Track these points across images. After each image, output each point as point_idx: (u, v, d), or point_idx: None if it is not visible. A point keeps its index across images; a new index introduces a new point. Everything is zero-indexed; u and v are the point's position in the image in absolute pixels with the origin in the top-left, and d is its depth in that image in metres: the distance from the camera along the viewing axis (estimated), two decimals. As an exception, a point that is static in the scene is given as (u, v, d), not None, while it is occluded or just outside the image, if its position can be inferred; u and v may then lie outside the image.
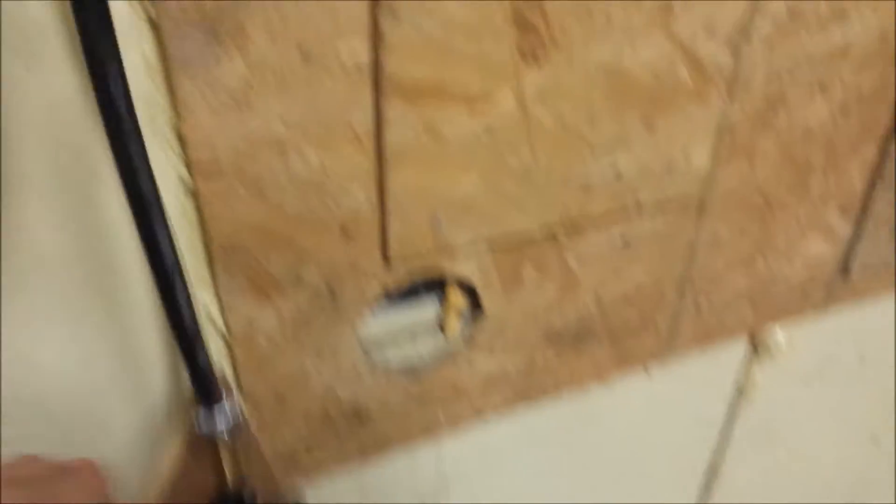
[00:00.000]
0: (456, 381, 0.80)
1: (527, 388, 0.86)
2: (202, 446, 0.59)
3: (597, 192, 0.71)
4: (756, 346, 1.01)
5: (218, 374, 0.54)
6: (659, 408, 1.01)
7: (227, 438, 0.56)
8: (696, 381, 1.01)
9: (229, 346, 0.65)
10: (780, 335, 0.99)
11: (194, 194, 0.55)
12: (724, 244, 0.85)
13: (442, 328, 0.78)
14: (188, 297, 0.51)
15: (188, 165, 0.53)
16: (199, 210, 0.56)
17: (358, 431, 0.79)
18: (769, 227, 0.87)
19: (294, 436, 0.74)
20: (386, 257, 0.66)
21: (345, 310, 0.68)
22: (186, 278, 0.51)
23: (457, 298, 0.75)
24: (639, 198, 0.74)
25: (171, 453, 0.57)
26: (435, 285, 0.76)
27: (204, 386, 0.56)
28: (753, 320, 0.95)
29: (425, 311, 0.77)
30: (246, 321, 0.63)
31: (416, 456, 0.88)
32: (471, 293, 0.76)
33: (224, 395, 0.58)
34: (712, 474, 1.19)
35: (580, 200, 0.71)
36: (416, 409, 0.81)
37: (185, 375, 0.55)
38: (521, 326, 0.79)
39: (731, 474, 1.20)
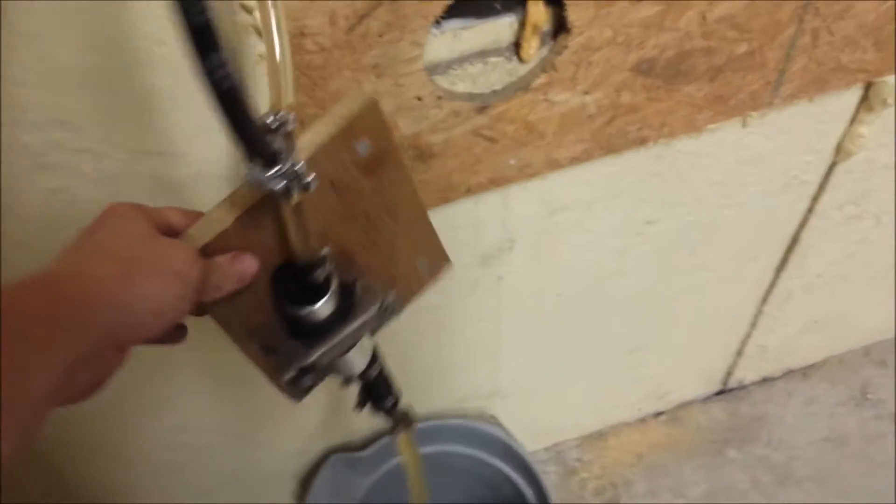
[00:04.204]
0: (529, 117, 0.70)
1: (608, 134, 0.76)
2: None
3: None
4: (869, 97, 0.88)
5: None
6: (749, 165, 0.91)
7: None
8: (796, 136, 0.90)
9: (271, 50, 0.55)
10: (900, 85, 0.86)
11: None
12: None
13: (518, 50, 0.67)
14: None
15: None
16: None
17: (419, 173, 0.71)
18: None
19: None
20: (458, -54, 0.54)
21: (408, 16, 0.57)
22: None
23: (538, 11, 0.63)
24: None
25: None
26: (514, 1, 0.64)
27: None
28: (874, 65, 0.82)
29: (500, 29, 0.66)
30: (289, 18, 0.53)
31: (481, 207, 0.80)
32: (554, 9, 0.64)
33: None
34: (792, 244, 1.10)
35: None
36: (483, 151, 0.72)
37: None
38: (610, 52, 0.67)
39: (812, 245, 1.11)
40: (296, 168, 0.45)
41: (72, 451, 0.88)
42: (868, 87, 0.88)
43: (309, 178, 0.46)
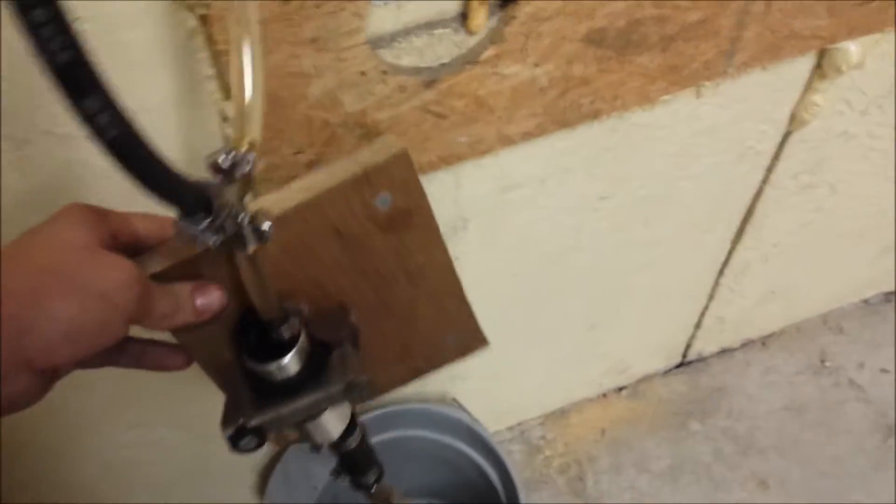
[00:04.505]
0: (479, 91, 0.68)
1: (560, 108, 0.74)
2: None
3: None
4: (823, 65, 0.87)
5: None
6: (704, 136, 0.90)
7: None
8: (751, 106, 0.89)
9: (204, 23, 0.52)
10: (853, 51, 0.85)
11: None
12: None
13: (465, 21, 0.64)
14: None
15: None
16: None
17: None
18: None
19: (292, 150, 0.63)
20: (396, -90, 0.51)
21: (345, -13, 0.54)
22: None
23: (485, -21, 0.61)
24: None
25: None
26: (457, -33, 0.62)
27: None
28: (828, 32, 0.80)
29: (445, -2, 0.63)
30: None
31: (433, 185, 0.78)
32: (501, -23, 0.62)
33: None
34: (748, 216, 1.10)
35: None
36: (433, 128, 0.69)
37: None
38: (561, 23, 0.65)
39: (767, 216, 1.10)
40: (244, 218, 0.40)
41: (23, 451, 0.84)
42: (822, 54, 0.87)
43: (265, 229, 0.41)
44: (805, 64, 0.88)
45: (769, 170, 1.02)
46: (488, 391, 1.19)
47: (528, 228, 0.90)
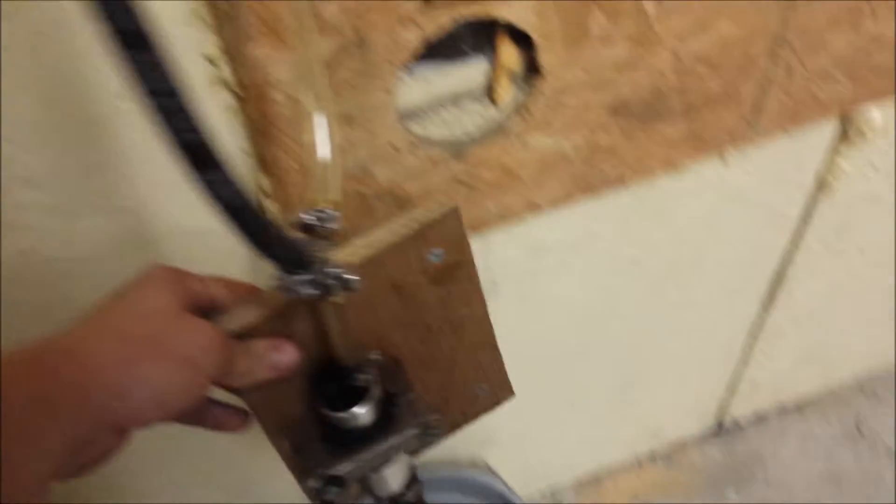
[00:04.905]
0: (506, 162, 0.70)
1: (586, 176, 0.75)
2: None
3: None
4: (847, 129, 0.88)
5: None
6: (731, 201, 0.91)
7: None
8: (776, 170, 0.90)
9: (241, 102, 0.54)
10: (876, 116, 0.86)
11: None
12: (829, -6, 0.70)
13: (491, 95, 0.66)
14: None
15: None
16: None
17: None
18: (882, -25, 0.72)
19: (324, 220, 0.65)
20: (425, -7, 0.53)
21: (377, 64, 0.57)
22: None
23: (509, 54, 0.63)
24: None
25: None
26: (484, 43, 0.64)
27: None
28: (849, 96, 0.82)
29: (472, 73, 0.65)
30: (257, 70, 0.52)
31: (462, 251, 0.79)
32: (525, 52, 0.64)
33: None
34: (778, 279, 1.10)
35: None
36: (463, 198, 0.71)
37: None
38: (584, 94, 0.67)
39: (798, 279, 1.10)
40: (335, 270, 0.42)
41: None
42: (845, 118, 0.88)
43: (353, 280, 0.43)
44: (829, 129, 0.89)
45: (797, 234, 1.03)
46: (520, 455, 1.18)
47: (558, 292, 0.91)
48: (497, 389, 0.64)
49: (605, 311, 0.98)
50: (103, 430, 0.38)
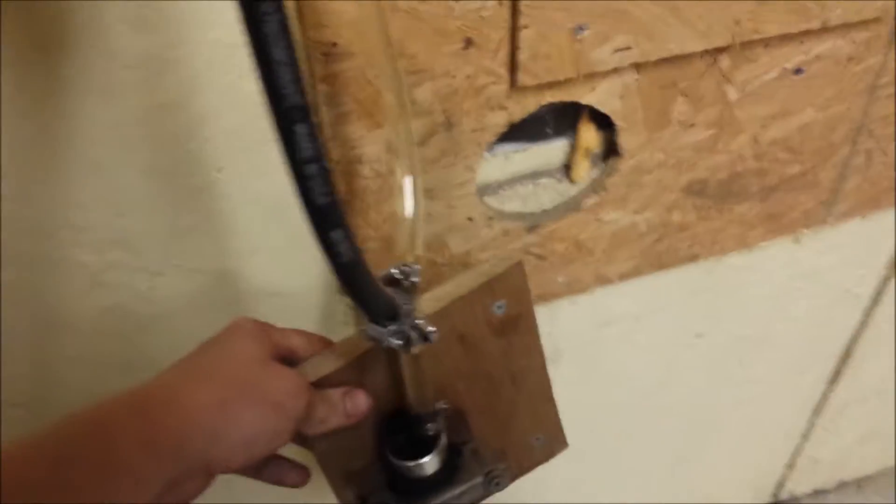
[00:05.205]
0: (579, 236, 0.70)
1: (658, 252, 0.75)
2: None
3: (778, 5, 0.57)
4: (924, 215, 0.87)
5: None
6: (801, 280, 0.89)
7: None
8: (849, 252, 0.88)
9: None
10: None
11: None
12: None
13: (568, 171, 0.67)
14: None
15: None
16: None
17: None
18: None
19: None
20: (513, 78, 0.54)
21: (462, 144, 0.58)
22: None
23: (589, 135, 0.64)
24: (827, 17, 0.59)
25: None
26: (565, 125, 0.65)
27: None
28: (928, 182, 0.80)
29: (551, 151, 0.66)
30: (349, 147, 0.54)
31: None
32: (605, 133, 0.65)
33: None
34: (845, 358, 1.07)
35: (756, 14, 0.57)
36: (532, 269, 0.71)
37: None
38: (661, 174, 0.67)
39: (865, 358, 1.08)
40: (416, 322, 0.44)
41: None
42: (921, 204, 0.86)
43: (432, 331, 0.45)
44: (904, 215, 0.87)
45: (867, 313, 1.01)
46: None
47: (622, 363, 0.90)
48: (552, 440, 0.64)
49: (667, 383, 0.96)
50: (195, 471, 0.39)
